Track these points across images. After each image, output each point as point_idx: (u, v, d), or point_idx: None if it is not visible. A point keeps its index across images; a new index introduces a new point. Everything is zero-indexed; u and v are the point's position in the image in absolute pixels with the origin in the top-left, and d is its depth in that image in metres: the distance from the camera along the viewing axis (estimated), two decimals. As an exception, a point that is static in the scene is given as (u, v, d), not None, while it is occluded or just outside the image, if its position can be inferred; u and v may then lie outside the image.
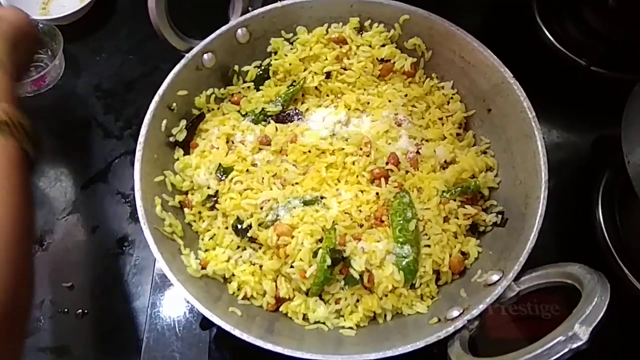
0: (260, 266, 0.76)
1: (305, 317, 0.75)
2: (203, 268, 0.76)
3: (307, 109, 0.89)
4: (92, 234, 0.96)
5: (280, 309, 0.76)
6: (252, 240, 0.77)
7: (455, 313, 0.68)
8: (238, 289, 0.76)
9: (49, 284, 0.91)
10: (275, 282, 0.76)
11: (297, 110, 0.89)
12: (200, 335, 0.84)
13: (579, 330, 0.53)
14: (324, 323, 0.74)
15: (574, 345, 0.53)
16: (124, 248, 0.94)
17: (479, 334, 0.69)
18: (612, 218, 0.90)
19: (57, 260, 0.94)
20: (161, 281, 0.89)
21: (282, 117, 0.88)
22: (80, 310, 0.89)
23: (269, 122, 0.87)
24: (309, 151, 0.82)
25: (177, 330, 0.84)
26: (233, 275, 0.77)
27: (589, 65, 1.03)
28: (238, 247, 0.79)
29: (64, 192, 1.00)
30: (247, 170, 0.82)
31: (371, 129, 0.84)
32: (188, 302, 0.83)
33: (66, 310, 0.89)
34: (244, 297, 0.76)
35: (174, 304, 0.87)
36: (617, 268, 0.86)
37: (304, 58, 0.90)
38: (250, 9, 0.87)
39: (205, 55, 0.85)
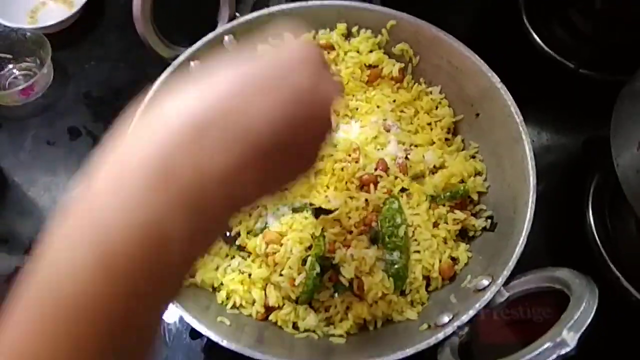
0: (249, 275, 0.76)
1: (295, 326, 0.75)
2: (191, 277, 0.76)
3: None
4: (82, 243, 0.96)
5: (270, 318, 0.76)
6: (241, 248, 0.77)
7: (445, 319, 0.68)
8: (227, 298, 0.76)
9: (38, 294, 0.90)
10: (265, 290, 0.76)
11: (285, 117, 0.88)
12: (190, 345, 0.83)
13: (567, 336, 0.53)
14: (313, 331, 0.74)
15: (562, 352, 0.53)
16: (114, 257, 0.94)
17: (470, 339, 0.69)
18: (602, 220, 0.90)
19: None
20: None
21: None
22: (70, 321, 0.88)
23: None
24: None
25: (167, 339, 0.84)
26: (222, 284, 0.76)
27: (577, 68, 1.04)
28: (227, 255, 0.78)
29: (54, 201, 1.00)
30: None
31: (360, 135, 0.84)
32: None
33: (56, 321, 0.88)
34: (233, 306, 0.75)
35: (164, 313, 0.86)
36: (608, 271, 0.85)
37: None
38: (237, 15, 0.87)
39: (192, 63, 0.84)
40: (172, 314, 0.86)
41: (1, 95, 1.07)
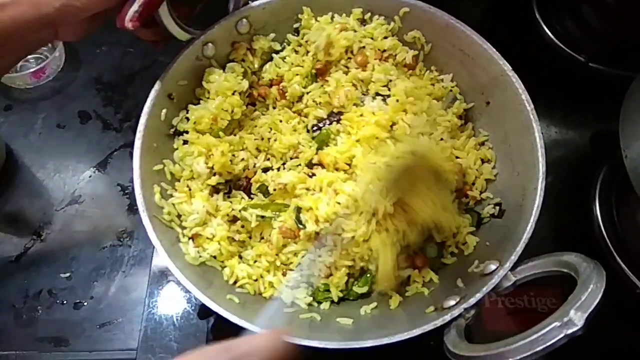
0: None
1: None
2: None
3: None
4: (91, 225, 0.97)
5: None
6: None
7: (452, 302, 0.69)
8: (232, 276, 0.77)
9: (47, 274, 0.92)
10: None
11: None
12: (197, 325, 0.84)
13: (575, 316, 0.53)
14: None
15: (569, 331, 0.53)
16: (122, 239, 0.95)
17: (475, 326, 0.69)
18: (609, 212, 0.91)
19: (56, 251, 0.94)
20: (159, 272, 0.89)
21: None
22: (78, 301, 0.89)
23: None
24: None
25: (175, 320, 0.85)
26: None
27: (587, 62, 1.04)
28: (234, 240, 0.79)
29: (63, 183, 1.01)
30: None
31: None
32: (186, 292, 0.84)
33: (64, 301, 0.89)
34: (240, 286, 0.76)
35: (172, 295, 0.87)
36: (614, 262, 0.86)
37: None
38: (250, 1, 0.87)
39: (205, 46, 0.85)
40: (180, 295, 0.87)
41: (12, 78, 1.08)
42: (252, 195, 0.80)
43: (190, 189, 0.80)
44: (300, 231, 0.75)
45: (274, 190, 0.77)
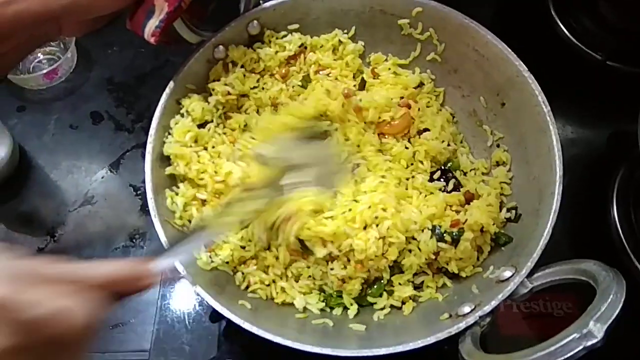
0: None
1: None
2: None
3: None
4: (103, 225, 0.97)
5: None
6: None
7: (467, 309, 0.67)
8: (244, 281, 0.77)
9: (60, 275, 0.92)
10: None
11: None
12: (209, 328, 0.84)
13: (594, 327, 0.52)
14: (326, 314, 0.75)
15: (589, 343, 0.52)
16: (135, 240, 0.95)
17: (490, 330, 0.68)
18: (627, 215, 0.89)
19: (68, 251, 0.94)
20: (171, 274, 0.88)
21: None
22: (90, 302, 0.89)
23: None
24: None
25: (187, 322, 0.85)
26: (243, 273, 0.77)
27: (604, 60, 1.02)
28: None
29: (76, 184, 1.01)
30: None
31: None
32: (198, 294, 0.84)
33: (77, 302, 0.89)
34: (252, 291, 0.76)
35: (184, 297, 0.87)
36: (632, 266, 0.84)
37: None
38: (261, 2, 0.86)
39: (216, 48, 0.84)
40: (192, 297, 0.87)
41: (25, 79, 1.08)
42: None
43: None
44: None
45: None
